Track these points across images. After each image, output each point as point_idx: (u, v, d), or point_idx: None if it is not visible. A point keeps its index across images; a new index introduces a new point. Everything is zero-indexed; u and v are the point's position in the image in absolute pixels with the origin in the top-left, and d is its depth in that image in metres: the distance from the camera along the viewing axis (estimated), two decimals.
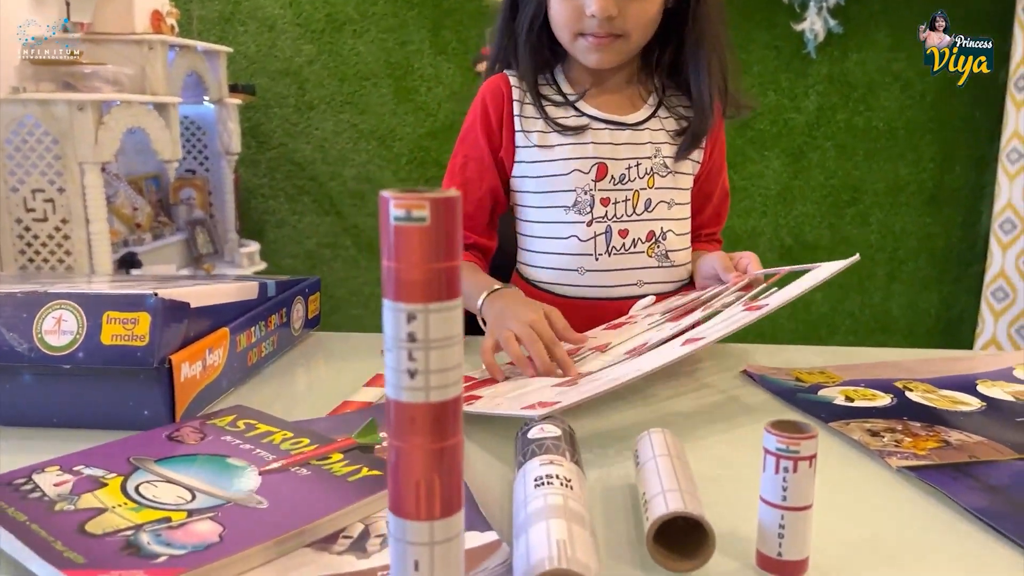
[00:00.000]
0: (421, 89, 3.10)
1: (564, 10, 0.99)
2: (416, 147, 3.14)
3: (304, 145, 3.19)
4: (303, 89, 3.14)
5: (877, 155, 2.95)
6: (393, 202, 0.36)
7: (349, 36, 3.09)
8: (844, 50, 2.88)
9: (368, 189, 3.19)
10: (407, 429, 0.38)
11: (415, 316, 0.37)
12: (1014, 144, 2.72)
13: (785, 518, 0.48)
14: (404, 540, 0.39)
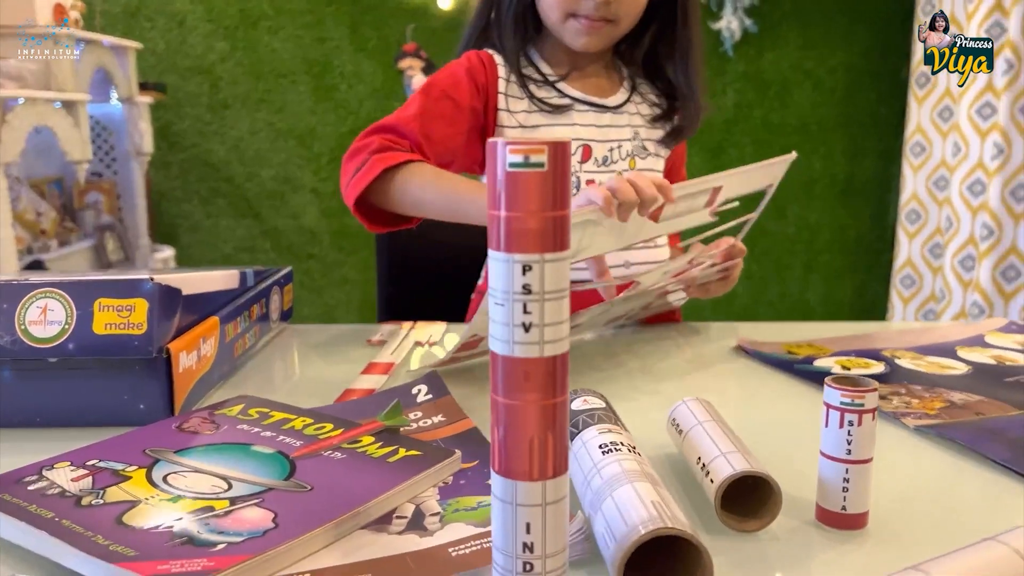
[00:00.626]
0: (341, 87, 3.04)
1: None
2: (337, 146, 3.07)
3: (218, 145, 3.08)
4: (216, 87, 3.03)
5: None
6: (509, 148, 0.35)
7: (264, 32, 3.01)
8: (759, 49, 2.98)
9: (287, 189, 3.11)
10: (520, 385, 0.36)
11: (531, 267, 0.35)
12: (917, 138, 2.87)
13: (850, 472, 0.49)
14: (514, 502, 0.37)
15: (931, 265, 2.86)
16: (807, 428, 0.69)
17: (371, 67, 3.02)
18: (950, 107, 2.72)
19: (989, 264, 2.55)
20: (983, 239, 2.57)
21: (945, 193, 2.75)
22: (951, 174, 2.71)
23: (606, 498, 0.45)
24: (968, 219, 2.64)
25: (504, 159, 0.35)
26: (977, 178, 2.60)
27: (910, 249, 2.93)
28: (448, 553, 0.45)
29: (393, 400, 0.64)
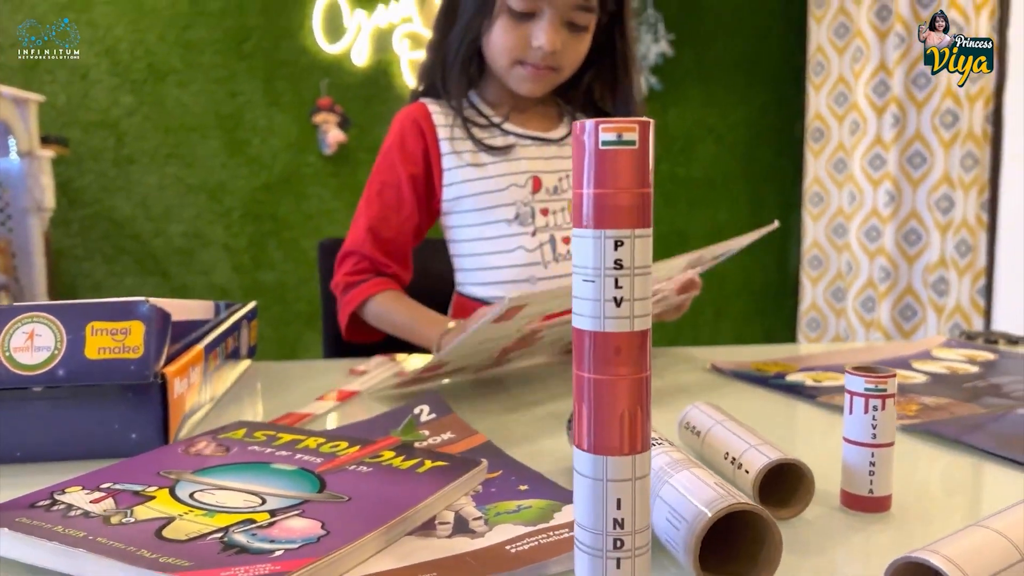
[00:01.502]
0: (254, 141, 3.00)
1: (509, 38, 1.02)
2: (250, 200, 3.01)
3: (123, 201, 2.97)
4: (122, 142, 2.94)
5: (698, 202, 3.19)
6: (602, 127, 0.36)
7: (173, 86, 2.95)
8: (664, 105, 3.12)
9: (197, 246, 3.02)
10: (611, 360, 0.37)
11: (622, 242, 0.36)
12: (815, 189, 3.05)
13: (875, 455, 0.51)
14: (604, 479, 0.37)
15: (834, 308, 3.02)
16: (796, 430, 0.72)
17: (285, 121, 3.00)
18: (844, 160, 2.91)
19: (888, 304, 2.71)
20: (881, 281, 2.73)
21: (844, 239, 2.92)
22: (848, 222, 2.88)
23: (663, 485, 0.45)
24: (867, 263, 2.81)
25: (596, 137, 0.36)
26: (872, 224, 2.78)
27: (814, 293, 3.08)
28: (506, 550, 0.45)
29: (406, 417, 0.63)
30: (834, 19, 2.90)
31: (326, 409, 0.75)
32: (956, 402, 0.74)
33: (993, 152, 2.39)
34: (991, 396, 0.76)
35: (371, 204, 1.11)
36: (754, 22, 3.15)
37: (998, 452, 0.61)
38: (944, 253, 2.52)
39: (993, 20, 2.34)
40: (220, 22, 2.94)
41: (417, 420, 0.68)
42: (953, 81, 2.44)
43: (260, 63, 2.98)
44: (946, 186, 2.50)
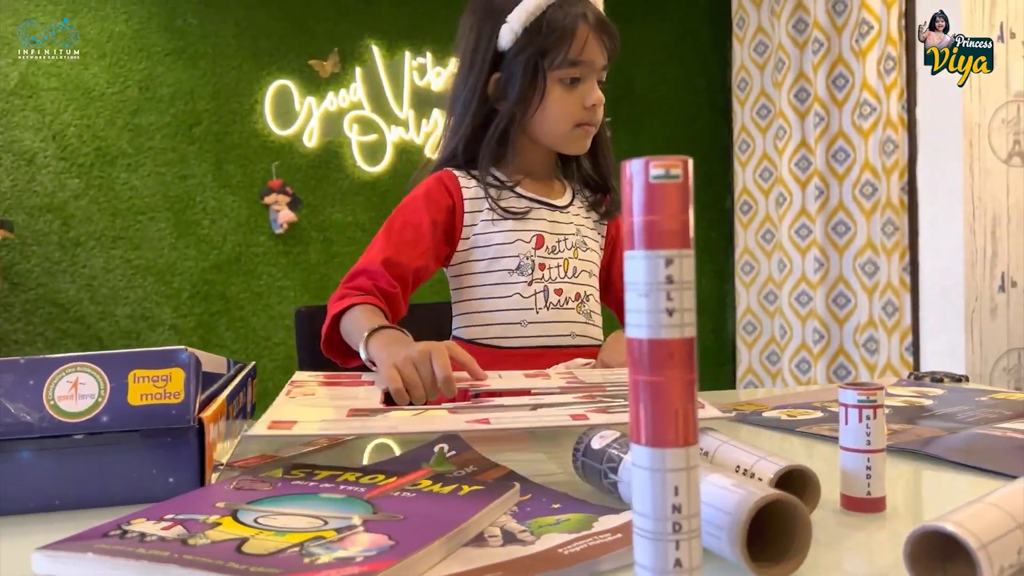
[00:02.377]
0: (204, 222, 3.02)
1: (567, 104, 1.13)
2: (199, 281, 3.01)
3: (68, 285, 2.94)
4: (68, 225, 2.93)
5: None
6: (653, 164, 0.43)
7: (122, 170, 2.96)
8: None
9: (144, 328, 2.99)
10: (666, 363, 0.43)
11: (672, 261, 0.43)
12: (746, 258, 3.20)
13: (871, 460, 0.58)
14: (663, 470, 0.43)
15: (770, 371, 3.14)
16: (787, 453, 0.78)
17: (235, 202, 3.04)
18: (771, 230, 3.08)
19: (823, 365, 2.84)
20: (815, 343, 2.87)
21: (776, 305, 3.06)
22: (779, 288, 3.03)
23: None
24: (799, 327, 2.95)
25: (647, 173, 0.43)
26: (803, 290, 2.93)
27: (749, 358, 3.21)
28: (559, 552, 0.50)
29: (431, 453, 0.67)
30: (756, 101, 3.11)
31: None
32: (921, 427, 0.82)
33: (910, 219, 2.57)
34: (947, 421, 0.84)
35: (390, 236, 1.16)
36: (683, 105, 3.35)
37: (963, 461, 0.68)
38: (872, 314, 2.68)
39: (902, 100, 2.55)
40: (170, 107, 2.99)
41: (444, 454, 0.72)
42: (871, 154, 2.63)
43: (211, 146, 3.02)
44: (870, 251, 2.67)
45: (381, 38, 3.08)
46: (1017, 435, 0.76)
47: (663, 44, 3.33)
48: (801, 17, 2.92)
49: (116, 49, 2.94)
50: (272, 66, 3.04)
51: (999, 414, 0.87)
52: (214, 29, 3.00)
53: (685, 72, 3.36)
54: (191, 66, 3.00)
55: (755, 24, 3.10)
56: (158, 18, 2.97)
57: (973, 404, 0.93)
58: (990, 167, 2.33)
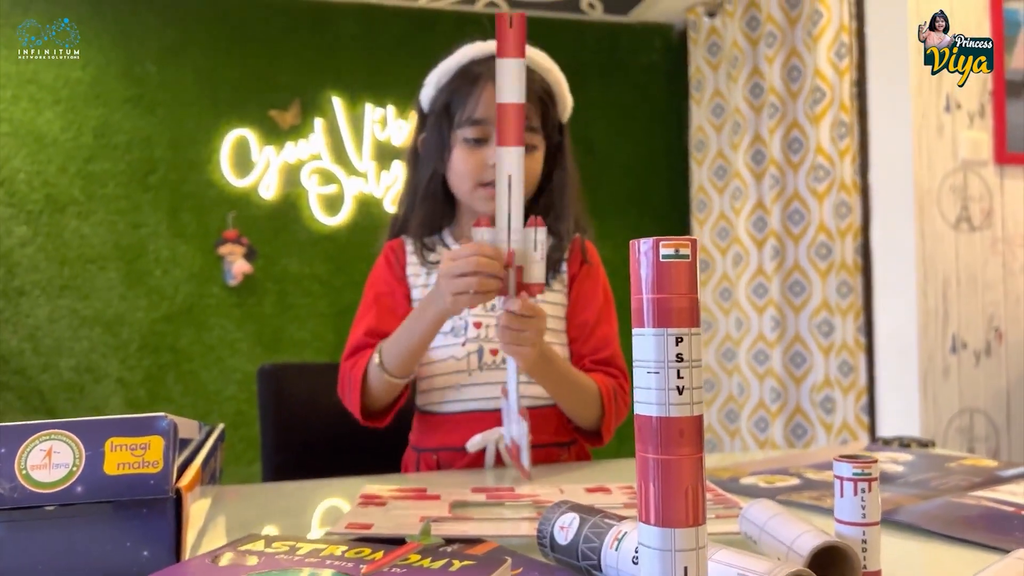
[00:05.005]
0: (156, 272, 2.96)
1: (468, 163, 1.11)
2: (149, 332, 2.94)
3: (10, 335, 2.84)
4: (12, 273, 2.84)
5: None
6: (662, 243, 0.43)
7: (72, 217, 2.90)
8: None
9: (89, 380, 2.90)
10: (676, 441, 0.42)
11: (682, 339, 0.42)
12: (703, 316, 3.24)
13: (867, 533, 0.57)
14: (672, 549, 0.42)
15: (728, 428, 3.16)
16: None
17: (189, 252, 2.98)
18: (728, 289, 3.13)
19: (780, 423, 2.87)
20: (772, 401, 2.90)
21: (733, 362, 3.09)
22: (737, 347, 3.07)
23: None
24: (757, 385, 2.98)
25: (657, 252, 0.42)
26: (760, 348, 2.97)
27: (708, 416, 3.22)
28: None
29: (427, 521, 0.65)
30: (713, 162, 3.18)
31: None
32: (897, 495, 0.82)
33: (865, 280, 2.63)
34: (920, 488, 0.85)
35: (369, 310, 1.18)
36: (641, 164, 3.41)
37: (946, 533, 0.68)
38: (828, 374, 2.72)
39: (855, 165, 2.63)
40: (125, 154, 2.95)
41: (430, 527, 0.70)
42: (826, 216, 2.70)
43: (165, 195, 2.98)
44: (825, 312, 2.73)
45: (343, 90, 3.09)
46: (991, 504, 0.77)
47: (621, 104, 3.40)
48: (757, 82, 3.01)
49: (72, 95, 2.90)
50: (231, 115, 3.03)
51: (969, 481, 0.88)
52: (173, 77, 2.98)
53: (643, 131, 3.42)
54: (148, 113, 2.96)
55: (712, 87, 3.19)
56: (116, 64, 2.94)
57: (942, 471, 0.94)
58: (940, 231, 2.40)
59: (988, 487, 0.85)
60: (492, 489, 0.90)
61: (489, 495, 0.86)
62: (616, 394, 1.15)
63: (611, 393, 1.13)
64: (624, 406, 1.17)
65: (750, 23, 3.01)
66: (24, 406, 2.84)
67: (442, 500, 0.83)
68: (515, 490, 0.89)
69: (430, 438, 1.15)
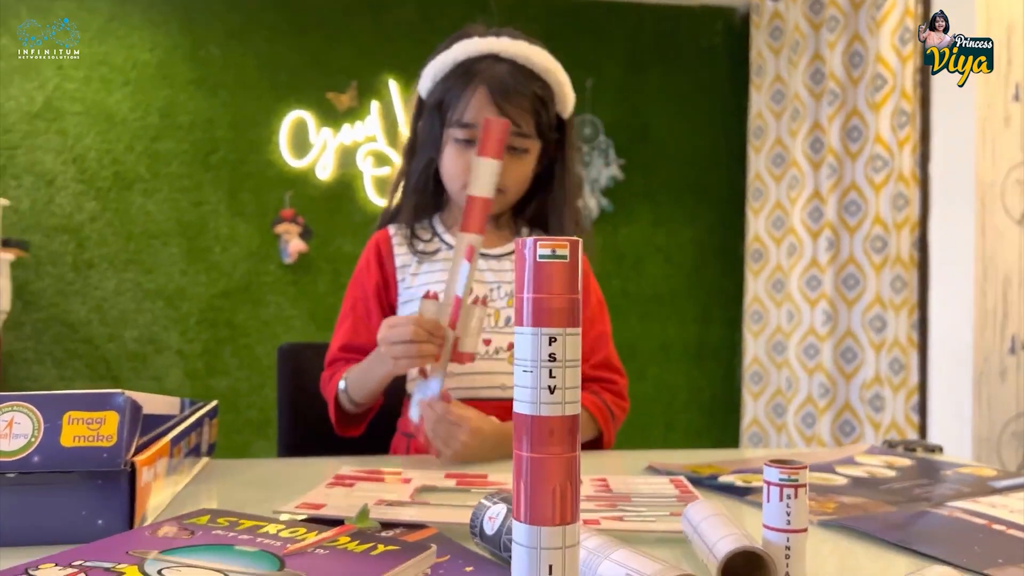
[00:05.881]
0: (215, 249, 3.06)
1: (456, 164, 1.12)
2: (207, 307, 3.05)
3: (79, 305, 2.99)
4: (83, 247, 2.98)
5: (648, 317, 3.30)
6: (537, 243, 0.43)
7: (138, 194, 3.02)
8: (615, 225, 3.27)
9: (151, 351, 3.03)
10: (546, 440, 0.43)
11: (556, 339, 0.43)
12: (755, 307, 3.18)
13: (790, 540, 0.57)
14: (538, 547, 0.43)
15: (775, 423, 3.10)
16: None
17: (247, 230, 3.08)
18: (782, 280, 3.06)
19: (828, 420, 2.80)
20: (820, 397, 2.83)
21: (783, 356, 3.03)
22: (787, 339, 3.00)
23: (602, 561, 0.50)
24: (806, 380, 2.91)
25: (535, 252, 0.43)
26: (810, 342, 2.90)
27: (755, 409, 3.17)
28: None
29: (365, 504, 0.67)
30: (771, 149, 3.10)
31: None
32: (871, 501, 0.80)
33: (921, 276, 2.54)
34: (903, 497, 0.83)
35: (346, 318, 1.22)
36: (698, 150, 3.35)
37: (902, 544, 0.67)
38: (879, 371, 2.64)
39: (915, 155, 2.53)
40: (189, 134, 3.05)
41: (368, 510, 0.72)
42: (882, 208, 2.61)
43: (226, 174, 3.07)
44: (878, 307, 2.64)
45: (399, 73, 3.12)
46: (963, 515, 0.75)
47: (680, 89, 3.34)
48: (818, 67, 2.92)
49: (140, 77, 3.01)
50: (290, 97, 3.10)
51: (956, 490, 0.85)
52: (236, 60, 3.07)
53: (702, 118, 3.36)
54: (211, 95, 3.06)
55: (773, 72, 3.11)
56: (182, 48, 3.04)
57: (934, 478, 0.91)
58: (1002, 228, 2.30)
59: (973, 497, 0.82)
60: (465, 476, 0.91)
61: (459, 481, 0.88)
62: (610, 408, 1.17)
63: (604, 412, 1.16)
64: (621, 412, 1.19)
65: (813, 6, 2.92)
66: (91, 374, 2.99)
67: (411, 484, 0.84)
68: (488, 477, 0.90)
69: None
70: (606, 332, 1.23)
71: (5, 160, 2.92)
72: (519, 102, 1.10)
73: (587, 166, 3.22)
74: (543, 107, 1.13)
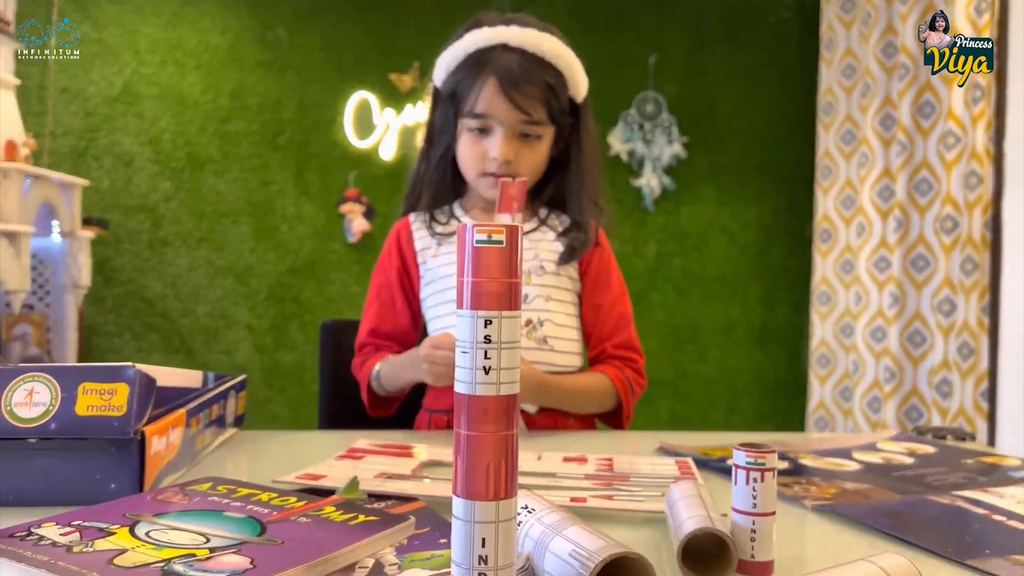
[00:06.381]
0: (283, 227, 3.15)
1: (472, 152, 1.15)
2: (275, 284, 3.15)
3: (155, 281, 3.12)
4: (158, 225, 3.11)
5: (711, 297, 3.26)
6: (474, 228, 0.44)
7: (210, 175, 3.13)
8: (677, 204, 3.23)
9: (222, 326, 3.15)
10: (480, 419, 0.44)
11: (491, 321, 0.44)
12: (822, 288, 3.10)
13: (756, 523, 0.57)
14: (472, 520, 0.44)
15: (842, 407, 3.03)
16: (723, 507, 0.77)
17: (313, 210, 3.16)
18: (851, 260, 2.98)
19: (894, 405, 2.72)
20: (886, 382, 2.75)
21: (851, 339, 2.96)
22: (855, 321, 2.92)
23: (552, 539, 0.52)
24: (872, 363, 2.83)
25: (472, 237, 0.44)
26: (878, 325, 2.81)
27: (822, 392, 3.10)
28: None
29: (355, 475, 0.70)
30: (841, 126, 3.01)
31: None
32: (876, 488, 0.79)
33: (993, 258, 2.44)
34: (912, 484, 0.81)
35: (372, 304, 1.28)
36: (765, 127, 3.27)
37: (889, 531, 0.66)
38: (947, 355, 2.55)
39: (989, 132, 2.42)
40: (257, 116, 3.14)
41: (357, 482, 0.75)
42: (954, 187, 2.51)
43: (293, 155, 3.15)
44: (947, 289, 2.55)
45: None
46: (965, 504, 0.73)
47: (746, 65, 3.26)
48: (890, 40, 2.81)
49: (211, 60, 3.11)
50: (354, 78, 3.15)
51: (968, 478, 0.83)
52: (302, 42, 3.14)
53: (769, 94, 3.28)
54: (279, 77, 3.14)
55: (844, 46, 3.01)
56: (251, 31, 3.12)
57: (952, 466, 0.89)
58: None
59: (984, 487, 0.80)
60: None
61: None
62: (631, 383, 1.19)
63: (626, 384, 1.19)
64: (640, 388, 1.21)
65: None
66: (166, 347, 3.13)
67: (416, 459, 0.87)
68: None
69: (441, 399, 1.19)
70: (627, 313, 1.24)
71: (87, 142, 3.07)
72: (529, 91, 1.12)
73: (649, 144, 3.18)
74: (554, 94, 1.14)
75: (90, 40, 3.06)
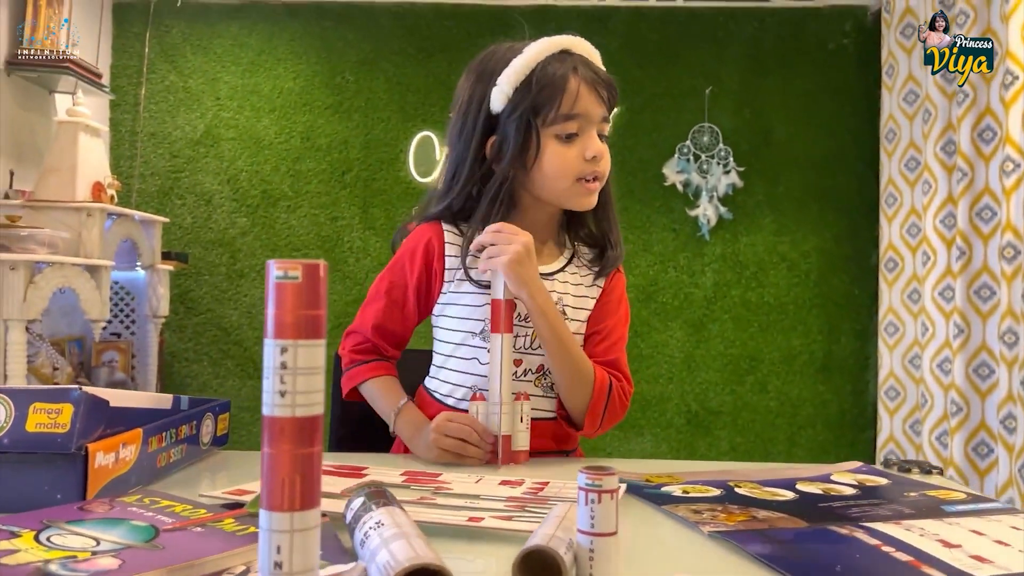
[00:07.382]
0: (350, 260, 3.29)
1: (564, 159, 1.14)
2: (342, 313, 3.28)
3: (232, 311, 3.30)
4: (234, 258, 3.30)
5: (770, 327, 3.21)
6: (275, 265, 0.50)
7: (283, 211, 3.30)
8: (735, 233, 3.20)
9: None
10: (277, 438, 0.49)
11: (287, 349, 0.49)
12: (890, 318, 3.00)
13: (594, 543, 0.60)
14: (270, 529, 0.49)
15: (913, 442, 2.91)
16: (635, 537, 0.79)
17: (377, 243, 3.28)
18: (917, 290, 2.88)
19: (960, 440, 2.60)
20: (953, 415, 2.63)
21: (919, 371, 2.85)
22: (922, 352, 2.82)
23: (381, 550, 0.57)
24: (940, 396, 2.72)
25: (272, 273, 0.50)
26: (945, 356, 2.71)
27: (891, 426, 2.99)
28: None
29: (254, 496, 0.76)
30: (904, 153, 2.93)
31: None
32: (787, 517, 0.80)
33: None
34: (826, 515, 0.81)
35: (379, 298, 1.26)
36: (823, 155, 3.21)
37: (763, 559, 0.67)
38: (1011, 389, 2.43)
39: None
40: (327, 155, 3.30)
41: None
42: (1014, 214, 2.41)
43: (359, 191, 3.30)
44: (1011, 319, 2.43)
45: None
46: (863, 536, 0.73)
47: (804, 93, 3.22)
48: None
49: (284, 104, 3.30)
50: (417, 118, 3.28)
51: (895, 511, 0.82)
52: (368, 85, 3.29)
53: (827, 122, 3.22)
54: (346, 119, 3.29)
55: (905, 72, 2.94)
56: (321, 76, 3.30)
57: (889, 499, 0.88)
58: None
59: (902, 519, 0.79)
60: (421, 474, 0.98)
61: (410, 478, 0.95)
62: (613, 390, 1.16)
63: (605, 383, 1.16)
64: (621, 408, 1.18)
65: (944, 0, 2.73)
66: (241, 373, 3.30)
67: (358, 480, 0.92)
68: (439, 477, 0.96)
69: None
70: (622, 338, 1.25)
71: (172, 182, 3.30)
72: (608, 87, 1.16)
73: (705, 174, 3.17)
74: (614, 95, 1.18)
75: (176, 88, 3.30)
